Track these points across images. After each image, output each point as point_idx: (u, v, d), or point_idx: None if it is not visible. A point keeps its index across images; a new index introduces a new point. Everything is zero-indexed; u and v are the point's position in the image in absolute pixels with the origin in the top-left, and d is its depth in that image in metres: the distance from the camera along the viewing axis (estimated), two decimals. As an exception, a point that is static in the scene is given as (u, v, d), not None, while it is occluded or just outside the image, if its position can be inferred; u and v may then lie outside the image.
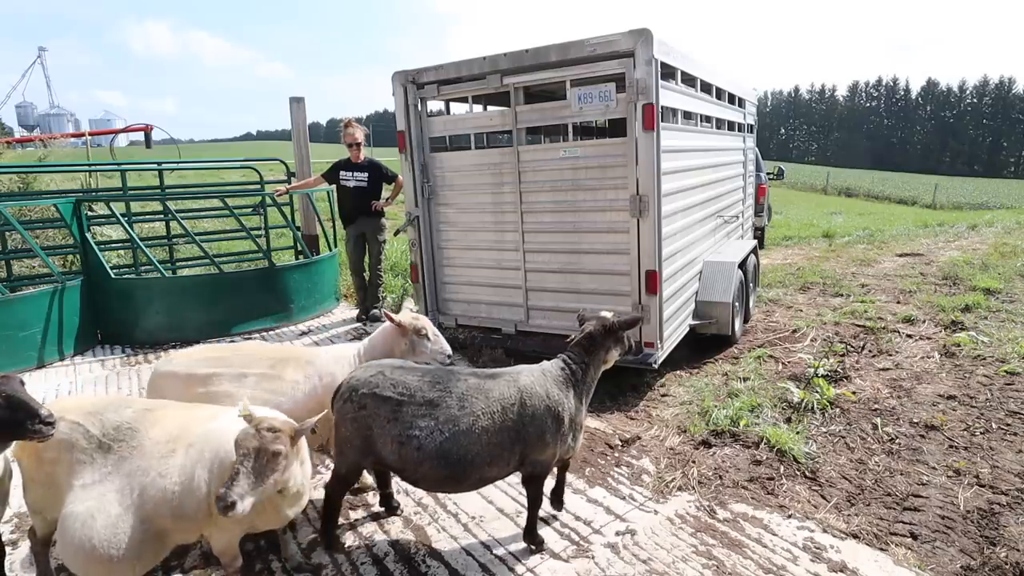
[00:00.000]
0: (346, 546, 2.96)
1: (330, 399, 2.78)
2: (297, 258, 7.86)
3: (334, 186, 6.86)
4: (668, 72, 4.51)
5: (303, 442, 2.36)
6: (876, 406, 4.33)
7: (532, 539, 2.86)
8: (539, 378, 2.68)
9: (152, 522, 2.18)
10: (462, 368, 2.89)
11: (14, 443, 2.31)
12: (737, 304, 5.59)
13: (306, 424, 2.23)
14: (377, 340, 3.32)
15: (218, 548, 2.38)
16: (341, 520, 3.15)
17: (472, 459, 2.50)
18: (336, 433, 2.72)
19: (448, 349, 3.36)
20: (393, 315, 3.30)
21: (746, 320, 6.38)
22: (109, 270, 6.33)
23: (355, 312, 7.20)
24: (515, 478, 3.30)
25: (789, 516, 3.09)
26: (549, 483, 3.28)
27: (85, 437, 2.28)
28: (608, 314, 2.88)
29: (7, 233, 6.73)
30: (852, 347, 5.55)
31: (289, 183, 7.88)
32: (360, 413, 2.57)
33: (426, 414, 2.51)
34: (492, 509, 3.21)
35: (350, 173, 6.57)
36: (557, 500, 3.11)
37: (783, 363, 5.20)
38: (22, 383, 2.22)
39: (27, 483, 2.41)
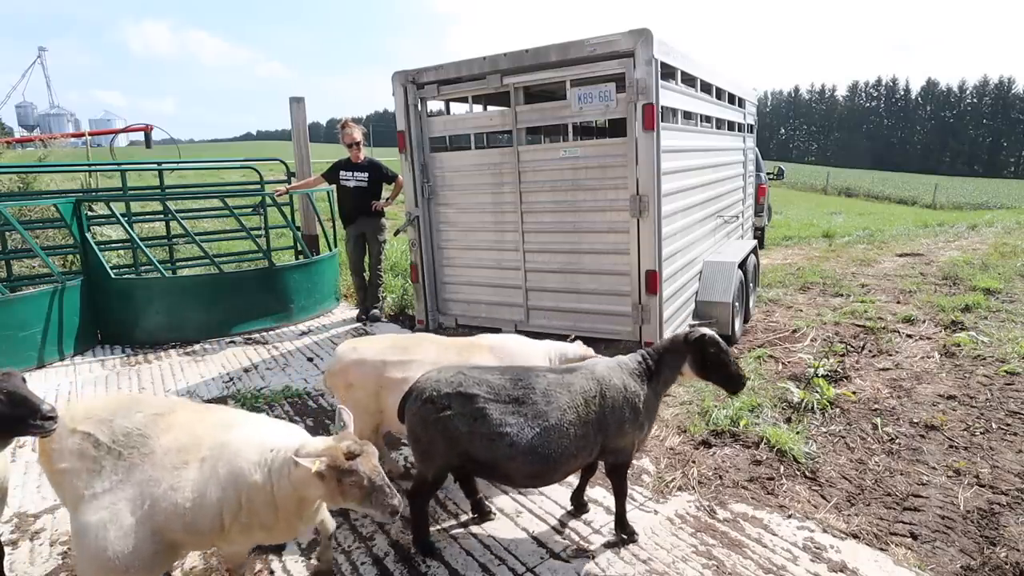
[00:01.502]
0: (346, 546, 2.96)
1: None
2: (297, 258, 7.86)
3: (334, 186, 6.86)
4: (668, 72, 4.51)
5: None
6: (876, 406, 4.33)
7: (624, 529, 2.90)
8: (615, 370, 2.76)
9: (163, 534, 2.14)
10: (533, 366, 2.94)
11: (25, 442, 2.31)
12: (737, 304, 5.59)
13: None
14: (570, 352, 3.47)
15: (226, 556, 2.35)
16: (340, 520, 3.15)
17: (562, 452, 2.57)
18: (417, 439, 2.67)
19: None
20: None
21: (746, 320, 6.38)
22: (109, 270, 6.33)
23: (355, 312, 7.20)
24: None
25: (789, 516, 3.09)
26: (561, 493, 3.28)
27: (95, 446, 2.23)
28: (706, 330, 2.84)
29: (7, 233, 6.74)
30: (852, 347, 5.54)
31: (289, 183, 7.89)
32: (444, 414, 2.55)
33: (515, 411, 2.55)
34: (492, 509, 3.21)
35: (350, 173, 6.58)
36: (578, 502, 3.16)
37: (783, 363, 5.19)
38: (23, 380, 2.23)
39: (55, 491, 2.39)
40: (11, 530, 3.15)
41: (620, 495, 2.87)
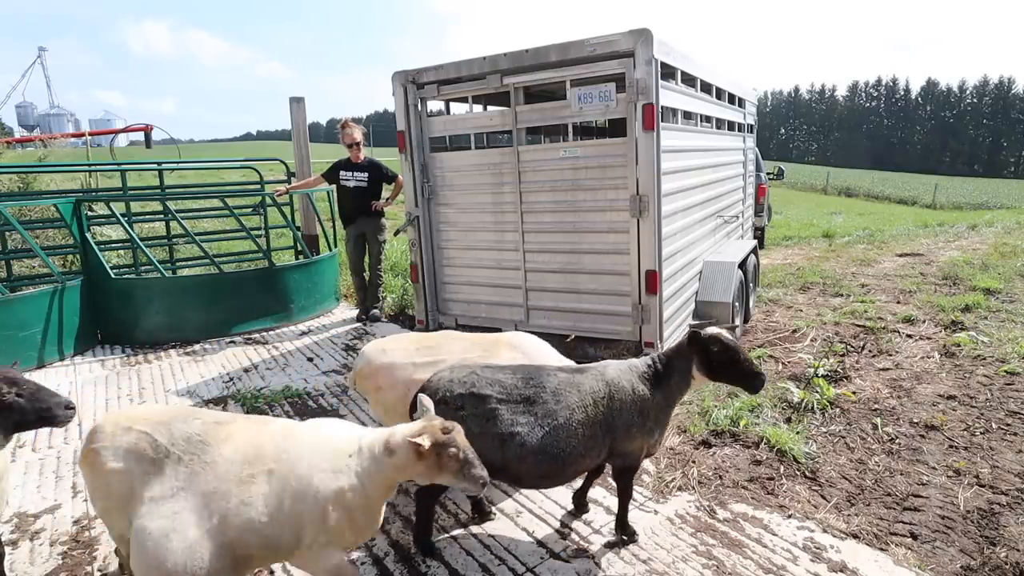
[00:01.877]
0: (346, 546, 2.96)
1: None
2: (297, 258, 7.86)
3: (334, 186, 6.86)
4: (668, 72, 4.51)
5: None
6: (876, 406, 4.33)
7: (624, 531, 2.90)
8: (625, 373, 2.74)
9: (234, 549, 2.05)
10: (545, 364, 2.92)
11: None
12: (737, 304, 5.58)
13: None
14: None
15: (326, 567, 2.19)
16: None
17: (570, 452, 2.56)
18: None
19: None
20: None
21: (746, 320, 6.38)
22: (109, 270, 6.33)
23: (355, 312, 7.20)
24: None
25: (789, 516, 3.09)
26: (560, 493, 3.29)
27: (153, 447, 2.16)
28: (711, 328, 2.75)
29: (7, 233, 6.73)
30: (852, 347, 5.55)
31: (289, 183, 7.89)
32: (458, 414, 2.53)
33: (525, 411, 2.55)
34: (492, 509, 3.21)
35: (350, 173, 6.58)
36: (580, 502, 3.15)
37: (783, 363, 5.19)
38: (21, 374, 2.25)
39: (92, 496, 2.31)
40: (11, 530, 3.15)
41: (624, 498, 2.86)
